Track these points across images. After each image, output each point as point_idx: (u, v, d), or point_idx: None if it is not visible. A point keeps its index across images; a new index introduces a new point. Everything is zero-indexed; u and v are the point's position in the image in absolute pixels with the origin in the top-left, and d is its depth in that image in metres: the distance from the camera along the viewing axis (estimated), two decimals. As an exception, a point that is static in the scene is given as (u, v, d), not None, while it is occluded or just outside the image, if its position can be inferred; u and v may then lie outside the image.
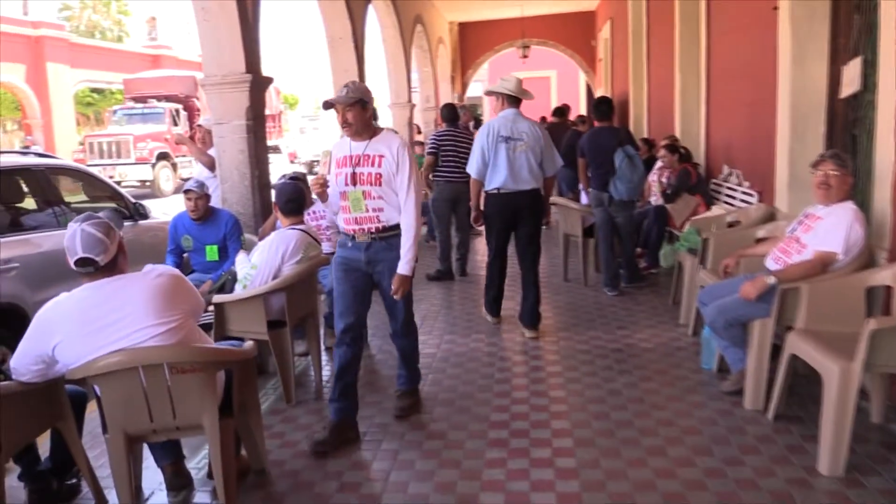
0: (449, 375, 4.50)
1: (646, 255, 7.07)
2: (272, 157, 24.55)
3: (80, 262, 2.66)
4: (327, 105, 3.54)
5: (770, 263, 3.88)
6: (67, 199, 5.82)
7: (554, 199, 7.28)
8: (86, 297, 2.67)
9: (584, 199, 6.81)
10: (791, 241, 3.83)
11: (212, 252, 5.13)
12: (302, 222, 4.40)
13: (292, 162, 24.71)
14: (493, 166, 5.09)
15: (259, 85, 5.76)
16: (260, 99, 5.79)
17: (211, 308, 4.19)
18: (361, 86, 3.51)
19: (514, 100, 5.20)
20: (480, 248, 8.67)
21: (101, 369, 2.65)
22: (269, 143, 23.76)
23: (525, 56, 20.04)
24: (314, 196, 3.62)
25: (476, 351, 4.95)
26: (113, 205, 5.98)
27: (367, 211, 3.54)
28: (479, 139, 5.18)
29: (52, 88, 24.61)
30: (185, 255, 5.30)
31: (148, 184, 19.84)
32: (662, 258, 7.07)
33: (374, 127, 3.61)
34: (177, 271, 2.86)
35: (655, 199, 7.23)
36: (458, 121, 7.39)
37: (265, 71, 5.92)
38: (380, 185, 3.50)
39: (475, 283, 6.95)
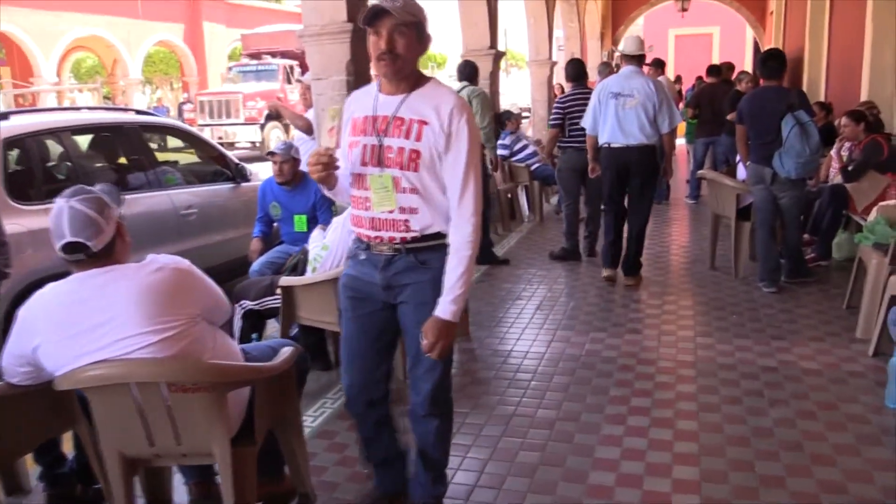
0: (554, 386, 3.72)
1: (815, 243, 5.86)
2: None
3: (68, 248, 2.12)
4: (369, 19, 2.11)
5: None
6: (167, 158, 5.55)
7: (705, 172, 6.24)
8: (69, 291, 2.13)
9: (741, 173, 5.69)
10: None
11: (300, 222, 4.60)
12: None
13: None
14: (602, 121, 5.34)
15: (362, 36, 5.12)
16: (363, 52, 5.15)
17: (279, 291, 3.65)
18: (418, 5, 2.22)
19: (632, 58, 5.42)
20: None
21: (86, 382, 2.12)
22: None
23: (684, 10, 18.23)
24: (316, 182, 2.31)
25: (592, 355, 4.12)
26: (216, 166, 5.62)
27: (395, 210, 2.24)
28: (593, 96, 5.47)
29: (207, 47, 25.51)
30: (274, 223, 4.82)
31: (258, 145, 18.03)
32: (836, 249, 5.87)
33: (418, 73, 2.27)
34: (184, 263, 2.25)
35: (833, 174, 5.96)
36: (586, 79, 6.41)
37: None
38: (416, 169, 2.19)
39: (596, 265, 6.05)
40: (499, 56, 8.64)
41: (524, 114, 16.39)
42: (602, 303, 5.09)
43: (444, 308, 2.18)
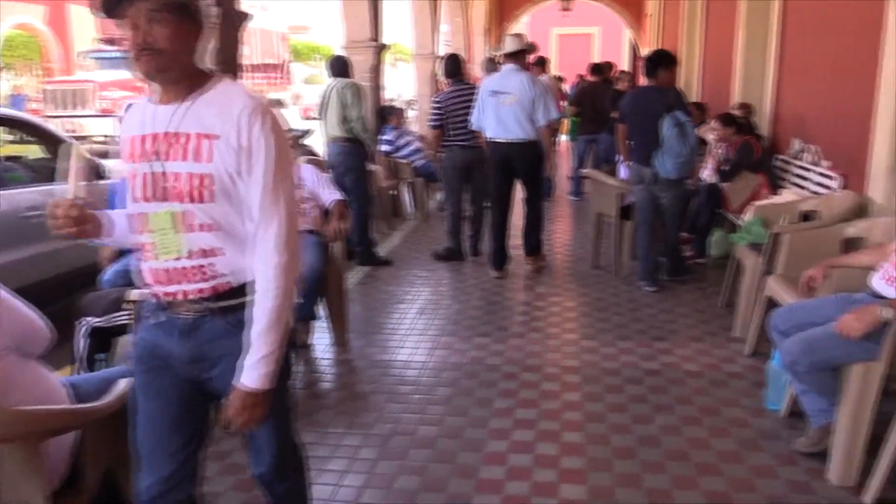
0: (436, 399, 3.52)
1: (692, 241, 5.96)
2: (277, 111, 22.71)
3: None
4: (111, 4, 1.62)
5: (879, 283, 2.79)
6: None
7: (588, 171, 6.22)
8: None
9: (622, 172, 5.70)
10: (909, 254, 2.73)
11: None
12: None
13: (307, 118, 22.63)
14: (485, 118, 5.51)
15: (231, 21, 4.73)
16: (231, 40, 4.77)
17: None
18: None
19: (511, 56, 5.54)
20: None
21: None
22: (273, 95, 22.35)
23: (566, 10, 18.58)
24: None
25: (476, 363, 3.94)
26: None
27: (187, 254, 1.71)
28: (478, 95, 5.65)
29: (73, 32, 23.71)
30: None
31: (115, 139, 17.08)
32: (712, 246, 5.98)
33: (199, 72, 1.73)
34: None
35: (709, 174, 6.08)
36: (463, 75, 6.23)
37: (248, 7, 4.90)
38: (210, 198, 1.68)
39: (489, 267, 5.91)
40: (381, 49, 8.35)
41: (412, 107, 16.17)
42: (486, 305, 4.94)
43: (248, 374, 1.68)
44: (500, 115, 5.36)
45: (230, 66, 4.78)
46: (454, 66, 6.19)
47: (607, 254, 5.78)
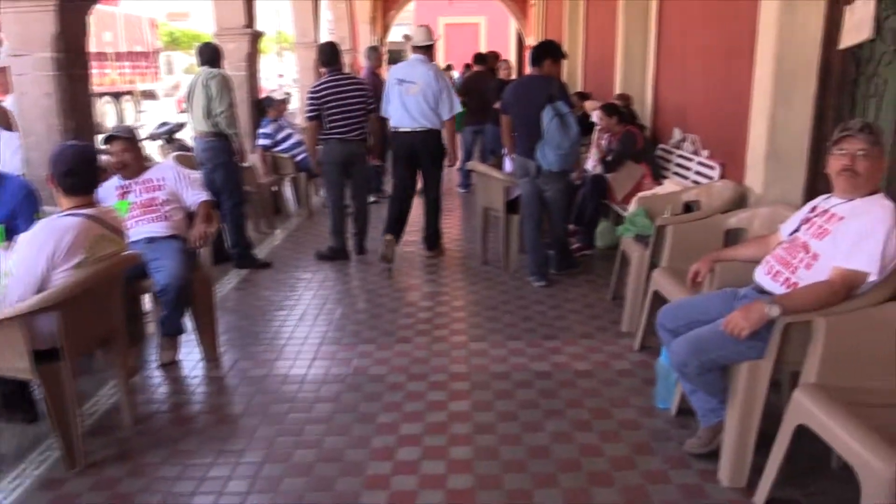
0: (315, 416, 3.24)
1: (579, 233, 5.92)
2: (149, 103, 21.11)
3: None
4: None
5: (764, 278, 2.74)
6: None
7: (474, 164, 6.06)
8: None
9: (508, 165, 5.57)
10: (795, 248, 2.68)
11: (-3, 233, 3.67)
12: (92, 204, 3.00)
13: (182, 111, 20.98)
14: (390, 107, 5.63)
15: (74, 5, 4.23)
16: (76, 24, 4.26)
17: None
18: None
19: (419, 48, 5.65)
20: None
21: None
22: (143, 86, 21.06)
23: (452, -2, 18.48)
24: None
25: (359, 373, 3.69)
26: None
27: None
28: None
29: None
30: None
31: None
32: (599, 237, 5.98)
33: None
34: None
35: (593, 165, 6.05)
36: (340, 64, 5.90)
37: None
38: None
39: (375, 265, 5.66)
40: (256, 36, 7.89)
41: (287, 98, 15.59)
42: (372, 308, 4.69)
43: None
44: (404, 103, 5.48)
45: (77, 54, 4.29)
46: (330, 54, 5.85)
47: (496, 248, 5.65)
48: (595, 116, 6.16)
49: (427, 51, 5.63)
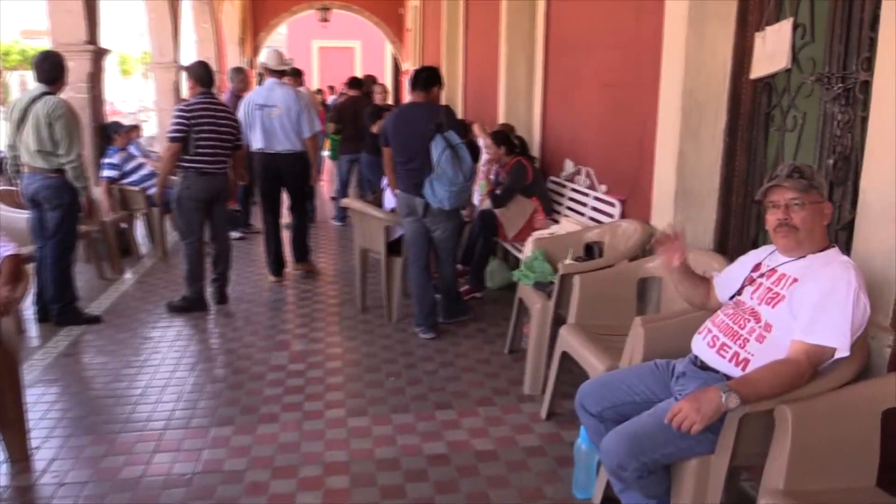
0: (147, 541, 2.48)
1: (467, 274, 5.40)
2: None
3: None
4: None
5: (706, 352, 2.26)
6: None
7: (348, 201, 5.41)
8: None
9: (389, 200, 4.98)
10: (741, 316, 2.23)
11: None
12: None
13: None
14: (252, 131, 5.62)
15: None
16: None
17: None
18: None
19: (274, 71, 5.79)
20: (257, 262, 6.61)
21: None
22: None
23: (325, 20, 17.84)
24: None
25: (209, 472, 2.93)
26: None
27: None
28: (240, 112, 5.65)
29: None
30: None
31: None
32: (489, 278, 5.49)
33: None
34: None
35: (479, 199, 5.56)
36: (213, 85, 5.18)
37: None
38: None
39: (237, 316, 4.90)
40: (100, 54, 6.93)
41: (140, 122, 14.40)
42: (231, 375, 3.93)
43: None
44: (266, 127, 5.57)
45: None
46: (205, 73, 5.05)
47: (376, 293, 5.02)
48: (482, 145, 5.68)
49: (282, 74, 5.88)
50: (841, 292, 2.03)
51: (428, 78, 4.34)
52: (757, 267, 2.32)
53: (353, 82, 8.62)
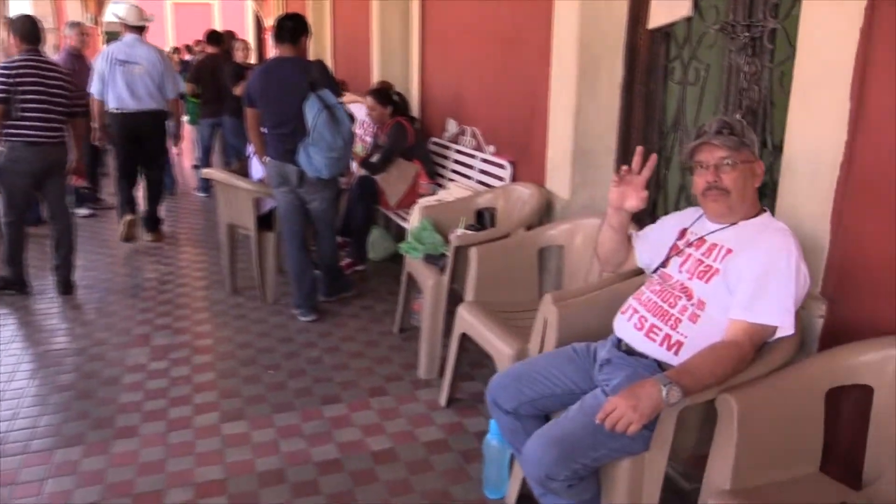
0: None
1: (348, 245, 4.99)
2: None
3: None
4: None
5: (632, 334, 2.00)
6: None
7: (210, 171, 4.84)
8: None
9: (256, 169, 4.46)
10: (670, 292, 1.98)
11: None
12: None
13: None
14: (112, 87, 5.36)
15: None
16: None
17: None
18: None
19: (133, 27, 5.50)
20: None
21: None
22: None
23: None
24: None
25: (48, 500, 2.43)
26: None
27: None
28: (98, 64, 5.42)
29: None
30: None
31: None
32: (371, 248, 5.10)
33: None
34: None
35: (355, 167, 5.12)
36: (40, 42, 4.42)
37: None
38: None
39: (87, 310, 4.28)
40: None
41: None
42: (81, 381, 3.35)
43: None
44: (129, 84, 5.37)
45: None
46: (30, 27, 4.28)
47: (248, 275, 4.52)
48: (362, 106, 5.23)
49: (141, 31, 5.55)
50: (781, 264, 1.82)
51: (295, 28, 3.82)
52: (682, 234, 2.08)
53: (213, 37, 7.82)
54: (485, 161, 4.40)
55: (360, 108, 5.58)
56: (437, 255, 3.54)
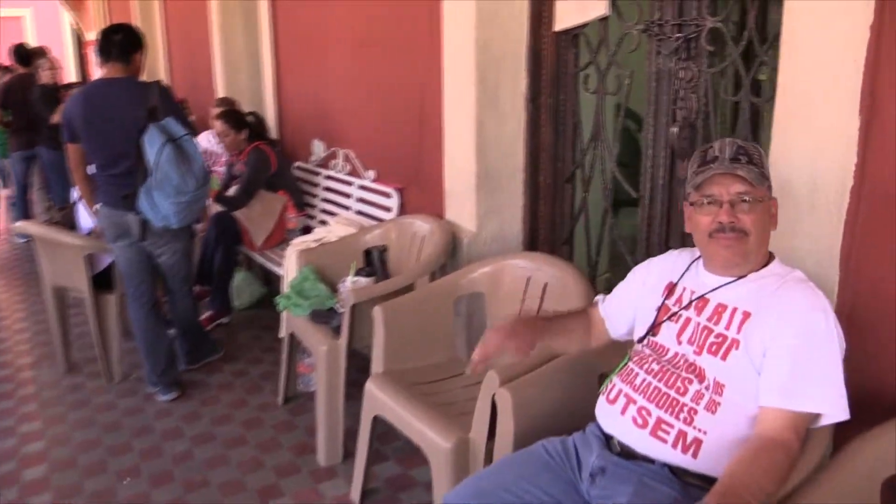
0: None
1: (208, 295, 4.24)
2: None
3: None
4: None
5: (631, 432, 1.51)
6: None
7: (23, 226, 3.95)
8: None
9: (85, 218, 3.61)
10: (672, 372, 1.51)
11: None
12: None
13: None
14: None
15: None
16: None
17: None
18: None
19: None
20: None
21: None
22: None
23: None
24: None
25: None
26: None
27: None
28: None
29: None
30: None
31: None
32: (236, 294, 4.39)
33: None
34: None
35: (210, 203, 4.35)
36: None
37: None
38: None
39: None
40: None
41: None
42: None
43: None
44: None
45: None
46: None
47: (87, 340, 3.68)
48: (208, 133, 4.50)
49: None
50: (819, 330, 1.40)
51: (125, 42, 3.03)
52: (670, 289, 1.63)
53: (20, 54, 6.62)
54: (364, 188, 3.83)
55: (205, 136, 4.87)
56: (326, 310, 2.93)
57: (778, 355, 1.39)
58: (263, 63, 5.04)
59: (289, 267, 3.39)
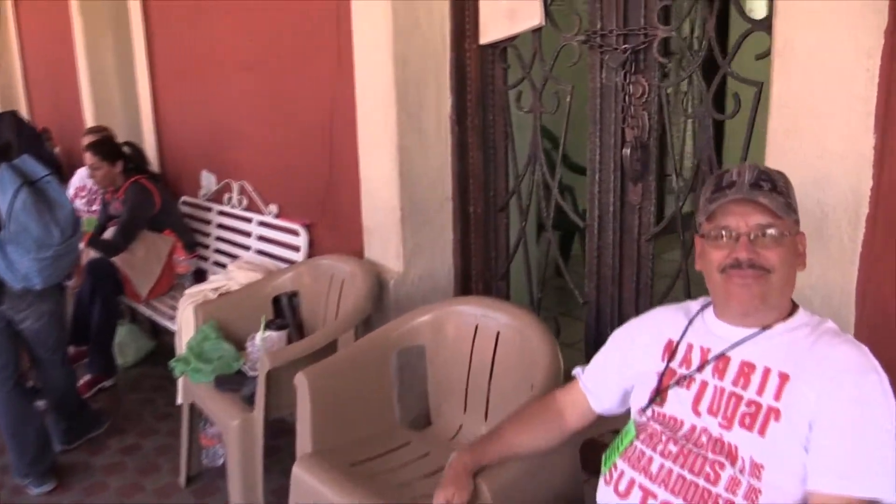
0: None
1: (87, 356, 3.66)
2: None
3: None
4: None
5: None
6: None
7: None
8: None
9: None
10: (693, 451, 1.22)
11: None
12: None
13: None
14: None
15: None
16: None
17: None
18: None
19: None
20: None
21: None
22: None
23: None
24: None
25: None
26: None
27: None
28: None
29: None
30: None
31: None
32: (120, 352, 3.83)
33: None
34: None
35: (83, 249, 3.77)
36: None
37: None
38: None
39: None
40: None
41: None
42: None
43: None
44: None
45: None
46: None
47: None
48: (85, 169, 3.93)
49: None
50: (877, 397, 1.14)
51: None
52: (671, 349, 1.34)
53: None
54: (265, 225, 3.40)
55: (81, 172, 4.31)
56: (233, 373, 2.50)
57: (830, 428, 1.13)
58: (139, 87, 4.49)
59: (184, 322, 2.91)
